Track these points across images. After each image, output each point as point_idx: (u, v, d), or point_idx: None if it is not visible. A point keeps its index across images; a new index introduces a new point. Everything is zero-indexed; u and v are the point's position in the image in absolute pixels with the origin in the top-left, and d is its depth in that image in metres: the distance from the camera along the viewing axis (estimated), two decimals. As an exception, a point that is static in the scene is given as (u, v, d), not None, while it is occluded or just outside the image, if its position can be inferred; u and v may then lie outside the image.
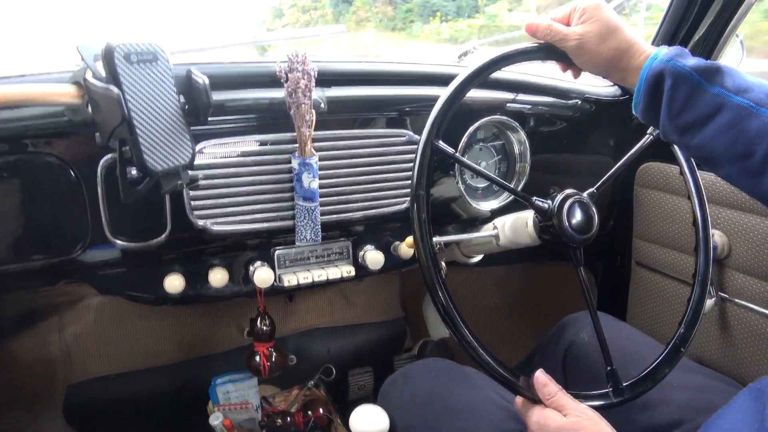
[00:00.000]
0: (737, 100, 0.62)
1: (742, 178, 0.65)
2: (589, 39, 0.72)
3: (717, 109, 0.63)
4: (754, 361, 1.12)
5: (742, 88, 0.62)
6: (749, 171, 0.62)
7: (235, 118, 0.92)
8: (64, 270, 0.91)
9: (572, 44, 0.73)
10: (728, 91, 0.62)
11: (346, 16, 8.99)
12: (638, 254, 1.38)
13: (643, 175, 1.31)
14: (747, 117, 0.61)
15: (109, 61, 0.69)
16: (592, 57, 0.73)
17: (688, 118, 0.65)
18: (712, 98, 0.63)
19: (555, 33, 0.74)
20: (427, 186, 0.75)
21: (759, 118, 0.60)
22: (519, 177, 1.19)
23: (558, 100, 1.22)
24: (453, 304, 0.75)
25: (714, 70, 0.64)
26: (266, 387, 1.49)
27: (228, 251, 1.01)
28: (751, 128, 0.60)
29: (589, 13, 0.72)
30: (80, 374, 1.43)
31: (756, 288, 1.10)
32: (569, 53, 0.75)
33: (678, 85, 0.65)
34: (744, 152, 0.61)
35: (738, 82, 0.63)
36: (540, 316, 1.71)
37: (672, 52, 0.67)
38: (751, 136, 0.60)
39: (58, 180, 0.83)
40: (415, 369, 0.92)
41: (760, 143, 0.60)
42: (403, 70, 1.08)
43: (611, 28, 0.71)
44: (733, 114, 0.61)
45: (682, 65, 0.65)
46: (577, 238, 0.83)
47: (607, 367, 0.80)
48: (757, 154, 0.60)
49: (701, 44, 1.19)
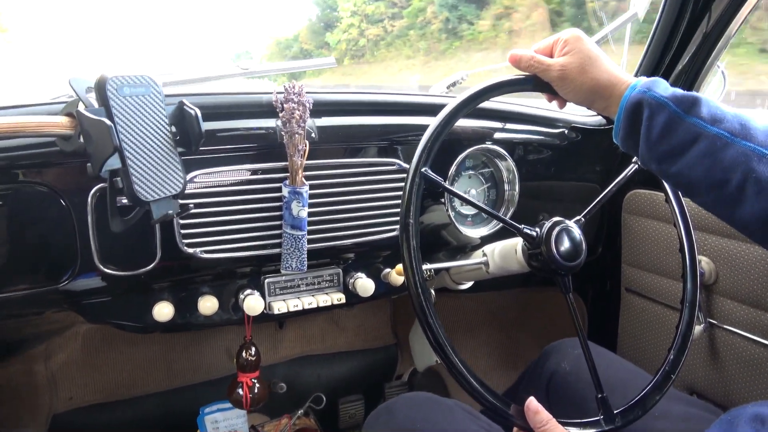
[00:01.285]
0: (713, 130, 0.63)
1: (718, 205, 0.66)
2: (571, 70, 0.74)
3: (694, 138, 0.64)
4: (742, 387, 1.12)
5: (717, 118, 0.64)
6: (725, 199, 0.64)
7: (228, 147, 0.93)
8: (53, 298, 0.90)
9: (555, 75, 0.76)
10: (704, 121, 0.64)
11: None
12: (627, 280, 1.39)
13: (631, 203, 1.33)
14: (722, 146, 0.62)
15: (101, 93, 0.70)
16: (574, 87, 0.75)
17: (666, 147, 0.66)
18: (689, 128, 0.64)
19: (538, 64, 0.77)
20: (416, 214, 0.76)
21: (734, 148, 0.62)
22: (508, 204, 1.20)
23: (545, 129, 1.25)
24: (442, 331, 0.75)
25: (691, 100, 0.66)
26: (255, 416, 1.48)
27: (218, 279, 1.01)
28: (726, 157, 0.62)
29: (570, 45, 0.74)
30: (65, 403, 1.41)
31: (743, 314, 1.11)
32: (552, 84, 0.78)
33: (656, 114, 0.66)
34: (720, 181, 0.63)
35: (714, 113, 0.64)
36: (531, 342, 1.71)
37: (650, 82, 0.69)
38: (726, 165, 0.62)
39: (49, 209, 0.84)
40: (399, 403, 0.91)
41: (735, 172, 0.61)
42: (393, 100, 1.10)
43: (592, 59, 0.73)
44: (709, 143, 0.63)
45: (660, 95, 0.67)
46: (565, 265, 0.84)
47: (598, 394, 0.80)
48: (732, 182, 0.62)
49: (684, 75, 1.22)
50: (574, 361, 1.00)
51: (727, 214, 0.66)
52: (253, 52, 12.00)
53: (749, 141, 0.61)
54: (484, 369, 1.71)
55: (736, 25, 1.14)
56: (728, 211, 0.65)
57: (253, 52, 12.06)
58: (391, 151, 1.06)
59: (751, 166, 0.60)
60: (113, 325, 0.98)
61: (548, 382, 1.02)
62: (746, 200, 0.61)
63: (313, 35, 14.32)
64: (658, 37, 1.22)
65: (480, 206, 0.86)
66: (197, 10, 15.39)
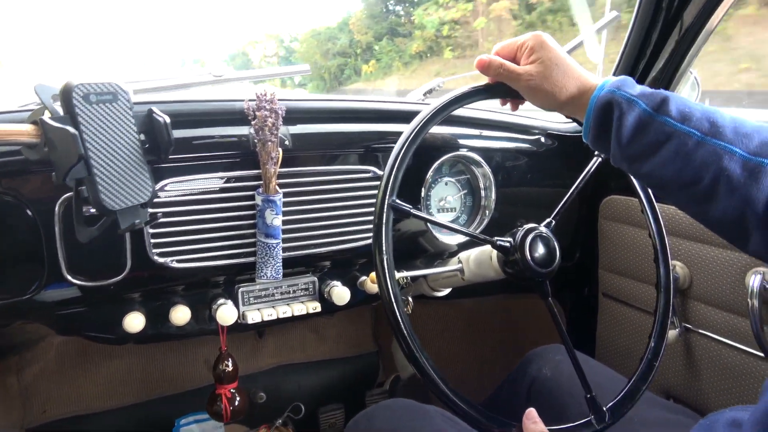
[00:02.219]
0: (683, 128, 0.63)
1: (690, 204, 0.66)
2: (540, 80, 0.73)
3: (665, 137, 0.64)
4: (718, 391, 1.13)
5: (686, 116, 0.63)
6: (696, 198, 0.63)
7: (199, 155, 0.92)
8: (20, 310, 0.88)
9: (523, 85, 0.75)
10: (674, 119, 0.64)
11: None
12: (604, 286, 1.40)
13: (607, 209, 1.34)
14: (693, 145, 0.62)
15: (67, 100, 0.69)
16: (543, 96, 0.75)
17: (638, 147, 0.66)
18: (659, 127, 0.64)
19: (507, 72, 0.76)
20: (387, 242, 0.75)
21: (704, 147, 0.61)
22: (485, 211, 1.21)
23: (521, 136, 1.25)
24: (417, 343, 0.74)
25: (660, 98, 0.65)
26: (233, 427, 1.46)
27: (191, 289, 0.99)
28: (697, 156, 0.62)
29: (537, 54, 0.73)
30: (39, 417, 1.38)
31: (717, 318, 1.12)
32: (521, 93, 0.77)
33: (626, 113, 0.66)
34: (691, 180, 0.63)
35: (682, 110, 0.64)
36: (512, 348, 1.71)
37: (619, 81, 0.69)
38: (697, 164, 0.62)
39: (14, 219, 0.82)
40: (378, 410, 0.90)
41: (706, 171, 0.61)
42: (368, 107, 1.10)
43: (559, 66, 0.73)
44: (680, 142, 0.63)
45: (629, 95, 0.67)
46: (540, 271, 0.84)
47: (587, 394, 0.81)
48: (703, 181, 0.62)
49: (658, 81, 1.24)
50: (555, 367, 1.00)
51: (699, 212, 0.65)
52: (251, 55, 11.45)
53: (719, 139, 0.61)
54: (464, 377, 1.71)
55: (708, 32, 1.16)
56: (700, 210, 0.65)
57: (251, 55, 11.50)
58: (367, 158, 1.06)
59: (722, 165, 0.60)
60: (84, 337, 0.96)
61: (529, 388, 1.02)
62: (718, 199, 0.61)
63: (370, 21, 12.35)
64: (631, 43, 1.23)
65: (449, 226, 0.85)
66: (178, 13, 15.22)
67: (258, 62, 14.45)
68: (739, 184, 0.59)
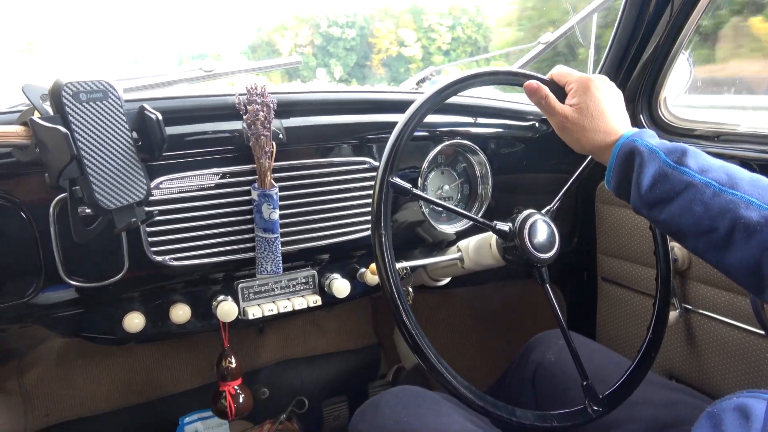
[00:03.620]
0: (701, 179, 0.67)
1: (707, 251, 0.68)
2: (571, 123, 0.78)
3: (682, 186, 0.67)
4: (720, 371, 1.14)
5: (705, 168, 0.67)
6: (713, 245, 0.66)
7: (193, 151, 0.91)
8: (18, 313, 0.87)
9: (555, 122, 0.81)
10: (692, 170, 0.67)
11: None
12: (603, 270, 1.40)
13: (603, 193, 1.34)
14: (711, 195, 0.65)
15: (56, 99, 0.68)
16: (569, 138, 0.80)
17: (656, 195, 0.70)
18: (679, 176, 0.68)
19: (547, 106, 0.80)
20: (387, 224, 0.76)
21: (721, 197, 0.65)
22: (482, 199, 1.20)
23: (516, 122, 1.25)
24: (420, 332, 0.74)
25: (680, 150, 0.69)
26: (237, 423, 1.45)
27: (190, 286, 0.99)
28: (714, 205, 0.65)
29: (578, 98, 0.78)
30: (41, 420, 1.37)
31: (717, 298, 1.12)
32: (552, 126, 0.82)
33: (647, 163, 0.70)
34: (708, 227, 0.66)
35: (701, 163, 0.68)
36: (514, 335, 1.71)
37: (639, 132, 0.74)
38: (715, 212, 0.65)
39: (8, 222, 0.81)
40: (384, 398, 0.90)
41: (723, 219, 0.64)
42: (362, 98, 1.09)
43: (593, 118, 0.77)
44: (697, 192, 0.66)
45: (651, 146, 0.71)
46: (540, 257, 0.84)
47: (583, 382, 0.82)
48: (720, 229, 0.65)
49: (650, 65, 1.23)
50: (558, 352, 1.01)
51: (715, 259, 0.68)
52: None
53: (736, 190, 0.65)
54: (468, 365, 1.71)
55: (699, 14, 1.15)
56: (717, 257, 0.67)
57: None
58: (362, 149, 1.05)
59: (739, 213, 0.63)
60: (85, 338, 0.96)
61: (534, 373, 1.02)
62: (735, 246, 0.64)
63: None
64: (622, 29, 1.22)
65: (449, 207, 0.86)
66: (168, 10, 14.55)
67: (288, 52, 13.07)
68: (756, 231, 0.62)
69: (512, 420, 0.74)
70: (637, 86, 1.27)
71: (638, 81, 1.26)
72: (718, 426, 0.58)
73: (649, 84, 1.26)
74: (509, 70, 0.85)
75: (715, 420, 0.59)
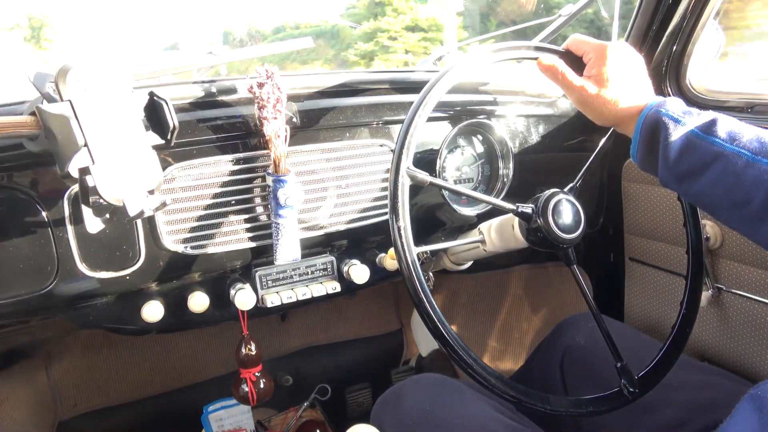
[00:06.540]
0: (731, 148, 0.62)
1: (742, 224, 0.65)
2: (593, 97, 0.75)
3: (713, 158, 0.64)
4: (755, 352, 1.09)
5: (735, 136, 0.63)
6: (748, 218, 0.63)
7: (206, 137, 0.89)
8: (37, 306, 0.87)
9: (575, 97, 0.77)
10: (722, 140, 0.63)
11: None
12: (631, 250, 1.36)
13: (630, 170, 1.29)
14: (742, 166, 0.61)
15: (63, 86, 0.66)
16: (591, 110, 0.77)
17: (685, 168, 0.66)
18: (708, 147, 0.64)
19: (564, 82, 0.77)
20: (405, 214, 0.73)
21: (754, 167, 0.61)
22: (503, 179, 1.17)
23: (537, 100, 1.21)
24: (440, 317, 0.72)
25: (708, 119, 0.65)
26: (261, 411, 1.46)
27: (207, 275, 0.98)
28: (747, 177, 0.61)
29: (597, 68, 0.74)
30: (70, 410, 1.40)
31: (751, 276, 1.07)
32: (573, 102, 0.79)
33: (673, 134, 0.66)
34: (742, 200, 0.62)
35: (731, 131, 0.64)
36: (540, 317, 1.68)
37: (665, 101, 0.69)
38: (748, 184, 0.61)
39: (22, 214, 0.80)
40: (407, 386, 0.88)
41: (758, 190, 0.60)
42: (377, 78, 1.06)
43: (613, 83, 0.73)
44: (729, 163, 0.62)
45: (676, 116, 0.67)
46: (565, 238, 0.81)
47: (617, 363, 0.79)
48: (755, 201, 0.61)
49: (677, 33, 1.18)
50: (589, 335, 0.99)
51: (751, 232, 0.65)
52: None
53: None
54: (493, 350, 1.69)
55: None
56: (753, 230, 0.64)
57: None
58: (379, 131, 1.02)
59: None
60: (106, 329, 0.96)
61: (562, 358, 1.00)
62: None
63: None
64: (648, -5, 1.17)
65: (468, 193, 0.83)
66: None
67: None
68: None
69: (546, 409, 0.72)
70: (663, 56, 1.21)
71: (665, 50, 1.20)
72: (763, 409, 0.54)
73: (677, 54, 1.20)
74: (520, 44, 0.80)
75: (759, 402, 0.56)
